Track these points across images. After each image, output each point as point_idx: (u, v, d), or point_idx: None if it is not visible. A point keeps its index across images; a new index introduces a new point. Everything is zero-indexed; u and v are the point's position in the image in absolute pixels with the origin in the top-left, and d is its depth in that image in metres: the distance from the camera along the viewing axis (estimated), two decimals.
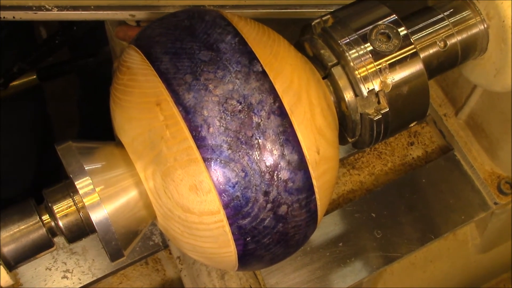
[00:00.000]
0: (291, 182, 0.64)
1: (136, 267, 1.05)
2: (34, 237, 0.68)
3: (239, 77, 0.63)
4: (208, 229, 0.65)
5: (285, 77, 0.66)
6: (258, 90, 0.63)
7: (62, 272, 1.00)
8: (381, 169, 1.12)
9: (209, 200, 0.63)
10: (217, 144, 0.62)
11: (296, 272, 1.01)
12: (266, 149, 0.63)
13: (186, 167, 0.63)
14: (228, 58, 0.64)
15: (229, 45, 0.65)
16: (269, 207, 0.64)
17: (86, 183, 0.65)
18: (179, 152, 0.63)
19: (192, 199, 0.64)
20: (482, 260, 1.24)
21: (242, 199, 0.63)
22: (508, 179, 1.07)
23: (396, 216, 1.06)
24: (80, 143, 0.68)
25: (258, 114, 0.63)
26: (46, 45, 1.22)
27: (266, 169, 0.63)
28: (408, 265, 1.19)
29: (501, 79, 0.80)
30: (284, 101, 0.64)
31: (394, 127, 0.75)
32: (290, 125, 0.64)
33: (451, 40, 0.78)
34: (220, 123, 0.62)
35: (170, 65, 0.64)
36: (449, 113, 1.11)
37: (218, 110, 0.62)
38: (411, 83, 0.72)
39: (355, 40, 0.71)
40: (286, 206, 0.65)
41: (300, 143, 0.64)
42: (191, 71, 0.63)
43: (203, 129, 0.62)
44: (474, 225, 1.18)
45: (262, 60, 0.65)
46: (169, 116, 0.63)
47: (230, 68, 0.63)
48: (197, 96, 0.62)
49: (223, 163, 0.62)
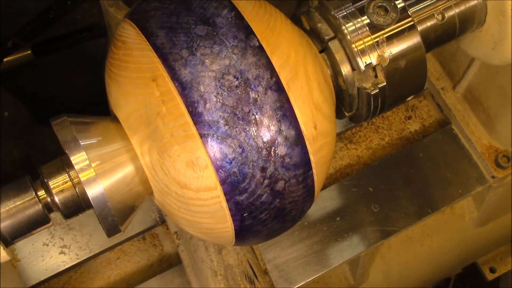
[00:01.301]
0: (288, 157, 0.64)
1: (134, 242, 1.05)
2: (30, 212, 0.68)
3: (235, 52, 0.63)
4: (205, 204, 0.65)
5: (282, 52, 0.65)
6: (255, 65, 0.63)
7: (59, 247, 1.00)
8: (378, 143, 1.12)
9: (206, 176, 0.63)
10: (214, 120, 0.62)
11: (293, 246, 1.02)
12: (263, 125, 0.62)
13: (182, 143, 0.63)
14: (225, 33, 0.64)
15: (225, 19, 0.64)
16: (266, 182, 0.64)
17: (81, 159, 0.64)
18: (175, 128, 0.63)
19: (189, 175, 0.64)
20: (479, 233, 1.25)
21: (239, 175, 0.63)
22: (506, 153, 1.07)
23: (393, 190, 1.06)
24: (75, 118, 0.68)
25: (255, 90, 0.62)
26: (40, 20, 1.21)
27: (263, 145, 0.63)
28: (405, 239, 1.20)
29: (500, 51, 0.79)
30: (281, 76, 0.64)
31: (392, 101, 0.75)
32: (287, 101, 0.64)
33: (449, 12, 0.78)
34: (216, 98, 0.62)
35: (166, 40, 0.63)
36: (447, 87, 1.11)
37: (215, 85, 0.62)
38: (409, 57, 0.72)
39: (352, 13, 0.71)
40: (283, 181, 0.65)
41: (297, 119, 0.64)
42: (187, 46, 0.63)
43: (199, 105, 0.61)
44: (471, 199, 1.19)
45: (258, 35, 0.65)
46: (165, 92, 0.63)
47: (226, 43, 0.63)
48: (193, 72, 0.62)
49: (220, 139, 0.62)
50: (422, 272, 1.26)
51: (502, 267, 1.46)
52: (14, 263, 0.98)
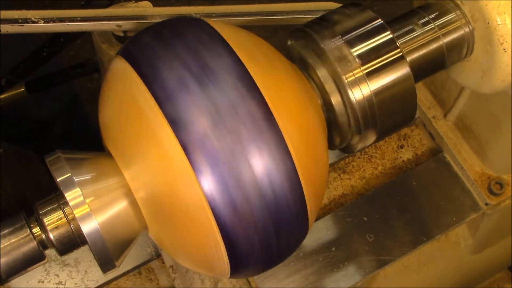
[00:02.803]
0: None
1: (129, 277, 1.04)
2: (25, 250, 0.67)
3: (231, 92, 0.63)
4: (200, 239, 0.65)
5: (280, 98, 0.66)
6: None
7: (54, 284, 1.00)
8: (371, 173, 1.12)
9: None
10: (208, 158, 0.61)
11: (289, 277, 1.01)
12: (257, 159, 0.63)
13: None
14: (218, 72, 0.64)
15: (219, 58, 0.65)
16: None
17: (76, 195, 0.64)
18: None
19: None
20: (475, 260, 1.25)
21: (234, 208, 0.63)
22: (499, 180, 1.07)
23: (387, 219, 1.06)
24: (69, 154, 0.68)
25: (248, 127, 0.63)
26: (34, 58, 1.22)
27: (258, 177, 0.63)
28: (401, 268, 1.19)
29: (488, 80, 0.80)
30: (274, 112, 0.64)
31: (383, 131, 0.75)
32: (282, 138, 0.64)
33: (437, 43, 0.79)
34: (209, 137, 0.62)
35: (158, 75, 0.64)
36: (438, 115, 1.12)
37: (209, 126, 0.62)
38: (398, 87, 0.73)
39: (341, 45, 0.72)
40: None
41: (290, 153, 0.64)
42: (179, 83, 0.63)
43: (191, 145, 0.62)
44: (465, 226, 1.19)
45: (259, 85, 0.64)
46: (156, 128, 0.63)
47: (221, 85, 0.63)
48: (185, 110, 0.62)
49: (214, 174, 0.62)
50: None
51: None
52: None
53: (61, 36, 1.14)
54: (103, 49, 0.92)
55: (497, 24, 0.75)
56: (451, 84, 1.07)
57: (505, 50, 0.75)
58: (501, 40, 0.75)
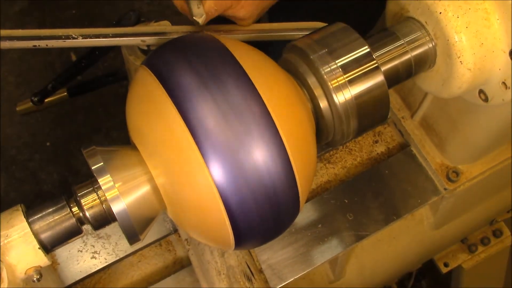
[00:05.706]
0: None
1: (152, 248, 1.04)
2: (66, 225, 0.68)
3: (236, 93, 0.62)
4: (209, 219, 0.65)
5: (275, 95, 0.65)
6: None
7: (91, 253, 1.00)
8: (351, 163, 1.11)
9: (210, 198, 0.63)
10: (216, 150, 0.61)
11: (283, 249, 1.01)
12: (259, 152, 0.62)
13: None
14: (225, 79, 0.62)
15: (226, 67, 0.63)
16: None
17: (107, 180, 0.64)
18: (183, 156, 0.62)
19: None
20: (435, 235, 1.24)
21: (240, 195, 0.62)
22: (455, 169, 1.07)
23: (364, 202, 1.05)
24: (102, 147, 0.67)
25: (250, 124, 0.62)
26: (75, 67, 1.22)
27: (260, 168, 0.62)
28: (375, 241, 1.19)
29: (447, 87, 0.79)
30: (273, 115, 0.63)
31: (361, 128, 0.75)
32: (278, 134, 0.63)
33: (406, 56, 0.78)
34: (217, 131, 0.61)
35: (175, 81, 0.63)
36: (406, 116, 1.11)
37: (217, 124, 0.61)
38: (375, 92, 0.72)
39: (327, 57, 0.71)
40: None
41: (285, 148, 0.63)
42: (194, 88, 0.62)
43: (202, 139, 0.61)
44: (428, 207, 1.18)
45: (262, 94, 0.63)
46: (174, 126, 0.62)
47: (227, 89, 0.62)
48: (197, 110, 0.61)
49: (221, 164, 0.61)
50: (389, 268, 1.25)
51: (454, 262, 1.47)
52: (55, 266, 0.98)
53: (97, 50, 1.14)
54: (130, 60, 0.91)
55: (455, 41, 0.74)
56: (417, 90, 1.06)
57: (462, 62, 0.75)
58: (458, 54, 0.74)
